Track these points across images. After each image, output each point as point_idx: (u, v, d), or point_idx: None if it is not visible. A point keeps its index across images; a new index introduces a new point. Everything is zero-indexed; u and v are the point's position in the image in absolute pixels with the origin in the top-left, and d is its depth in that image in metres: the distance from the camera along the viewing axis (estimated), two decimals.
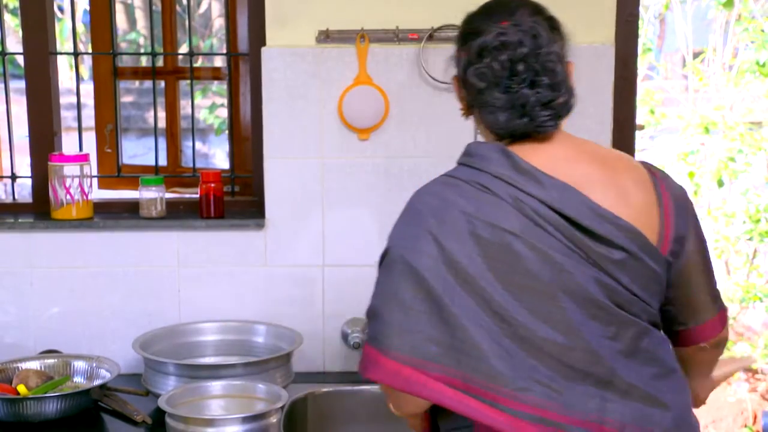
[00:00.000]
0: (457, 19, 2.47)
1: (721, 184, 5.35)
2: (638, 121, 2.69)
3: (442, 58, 2.00)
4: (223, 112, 6.71)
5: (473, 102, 1.59)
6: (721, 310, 1.71)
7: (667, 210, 1.56)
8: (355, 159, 2.55)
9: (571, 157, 1.55)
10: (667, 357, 1.56)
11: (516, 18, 1.57)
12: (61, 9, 7.15)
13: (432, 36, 2.50)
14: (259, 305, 2.61)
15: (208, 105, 7.24)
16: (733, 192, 5.61)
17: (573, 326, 1.46)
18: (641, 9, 2.64)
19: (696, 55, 5.91)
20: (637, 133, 2.68)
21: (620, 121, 2.57)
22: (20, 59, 2.71)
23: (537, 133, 1.55)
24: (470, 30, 1.62)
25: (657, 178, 1.59)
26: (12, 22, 7.27)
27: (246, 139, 2.85)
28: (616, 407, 1.46)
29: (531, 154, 1.53)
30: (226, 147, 3.18)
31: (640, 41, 2.82)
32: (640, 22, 2.62)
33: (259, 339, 2.55)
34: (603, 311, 1.48)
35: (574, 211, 1.48)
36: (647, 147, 5.72)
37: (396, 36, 2.50)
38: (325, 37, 2.51)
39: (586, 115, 2.55)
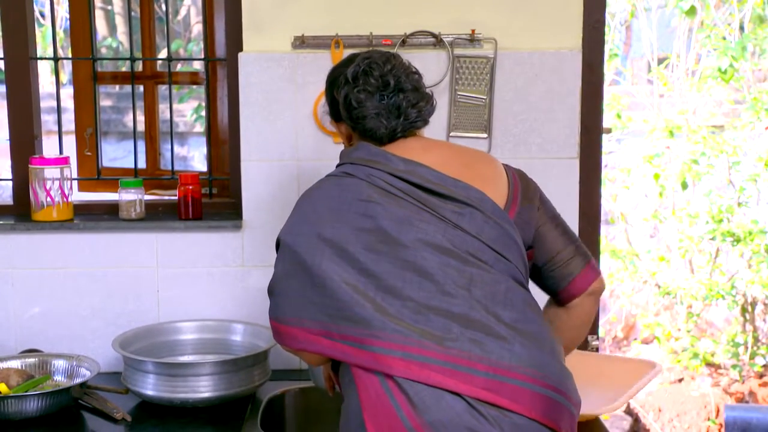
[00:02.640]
0: (429, 26, 2.50)
1: (685, 186, 5.39)
2: (605, 124, 2.71)
3: (416, 63, 2.00)
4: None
5: (355, 125, 1.87)
6: (589, 261, 1.93)
7: (516, 185, 1.86)
8: (330, 161, 2.50)
9: (426, 147, 1.86)
10: (524, 304, 1.72)
11: (372, 52, 1.92)
12: (42, 15, 7.09)
13: (405, 42, 2.51)
14: (237, 305, 2.61)
15: (193, 107, 7.18)
16: (696, 193, 5.66)
17: (427, 271, 1.67)
18: (607, 16, 2.66)
19: (660, 61, 5.96)
20: (604, 137, 2.70)
21: (587, 124, 2.59)
22: (1, 64, 2.68)
23: (413, 129, 1.88)
24: (337, 74, 1.92)
25: (505, 165, 1.90)
26: None
27: (224, 142, 2.84)
28: (472, 342, 1.62)
29: (391, 147, 1.84)
30: (204, 150, 3.16)
31: (607, 47, 2.85)
32: (606, 28, 2.64)
33: (236, 338, 2.54)
34: (456, 259, 1.70)
35: (418, 178, 1.76)
36: (614, 150, 5.76)
37: (370, 42, 2.50)
38: (301, 42, 2.51)
39: (555, 119, 2.57)
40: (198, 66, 3.95)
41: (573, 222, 2.60)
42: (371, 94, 1.84)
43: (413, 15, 2.52)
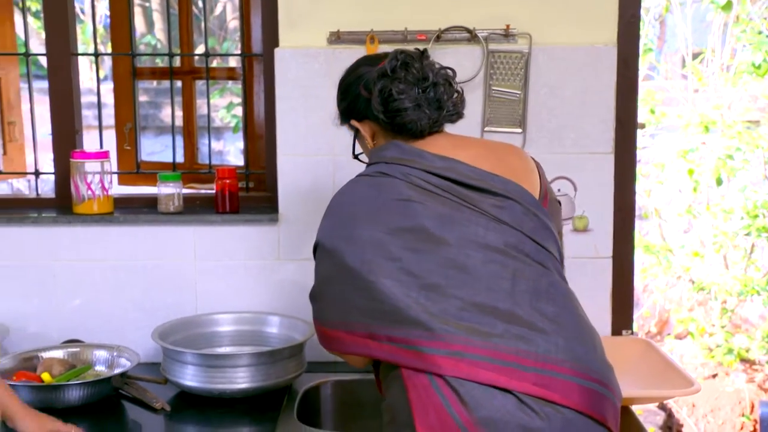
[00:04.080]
0: (464, 21, 2.50)
1: (719, 181, 5.32)
2: (639, 119, 2.68)
3: (449, 58, 2.00)
4: (241, 111, 6.71)
5: (391, 118, 1.82)
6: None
7: (543, 178, 1.85)
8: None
9: (457, 144, 1.84)
10: (566, 298, 1.71)
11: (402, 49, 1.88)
12: (82, 12, 7.16)
13: (439, 37, 2.51)
14: (273, 297, 2.62)
15: (225, 104, 7.23)
16: (731, 189, 5.59)
17: (471, 268, 1.66)
18: (642, 11, 2.63)
19: (695, 56, 5.88)
20: (638, 132, 2.68)
21: (622, 120, 2.57)
22: (43, 60, 2.71)
23: (450, 121, 1.87)
24: (361, 72, 1.90)
25: (533, 158, 1.89)
26: (35, 25, 7.29)
27: (260, 136, 2.86)
28: (519, 339, 1.61)
29: (422, 144, 1.81)
30: (241, 144, 3.18)
31: (641, 42, 2.81)
32: (640, 23, 2.61)
33: (272, 330, 2.55)
34: (499, 253, 1.68)
35: (457, 174, 1.74)
36: (648, 145, 5.70)
37: (404, 37, 2.50)
38: (336, 38, 2.52)
39: (589, 114, 2.55)
40: (233, 62, 3.97)
41: (608, 216, 2.59)
42: (411, 86, 1.81)
43: (448, 10, 2.51)
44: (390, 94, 1.81)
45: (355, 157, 2.04)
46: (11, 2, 3.59)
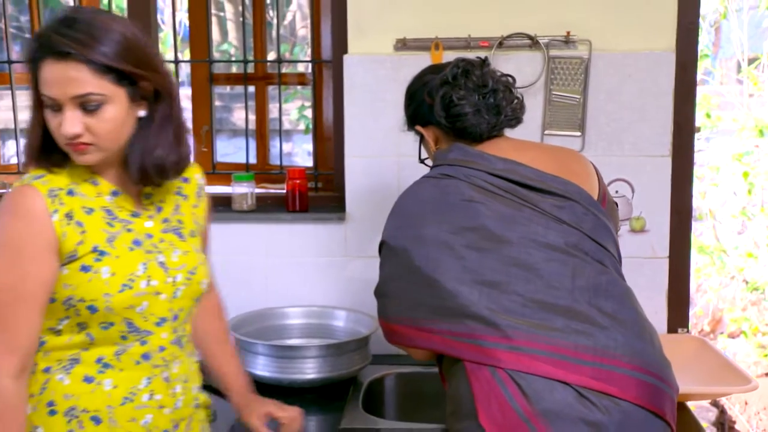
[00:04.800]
0: (525, 28, 2.47)
1: None
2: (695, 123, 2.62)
3: (511, 64, 1.98)
4: (310, 113, 6.77)
5: (452, 123, 1.83)
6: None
7: (602, 182, 1.84)
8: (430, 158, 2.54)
9: (518, 147, 1.84)
10: (624, 295, 1.69)
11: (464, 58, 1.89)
12: (162, 21, 7.28)
13: (502, 43, 2.48)
14: (340, 292, 2.62)
15: (295, 107, 7.29)
16: None
17: (532, 266, 1.65)
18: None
19: (751, 62, 5.75)
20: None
21: (680, 124, 2.52)
22: None
23: (509, 127, 1.87)
24: (426, 80, 1.91)
25: (591, 163, 1.89)
26: None
27: (328, 138, 2.87)
28: (579, 333, 1.60)
29: (485, 147, 1.82)
30: (309, 146, 3.20)
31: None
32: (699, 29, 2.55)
33: (339, 323, 2.56)
34: (559, 252, 1.67)
35: (518, 176, 1.74)
36: (703, 148, 5.58)
37: (468, 43, 2.48)
38: (403, 45, 2.51)
39: (647, 118, 2.50)
40: (303, 67, 4.00)
41: (664, 218, 2.54)
42: (471, 93, 1.82)
43: (509, 18, 2.48)
44: (451, 100, 1.82)
45: (422, 161, 2.04)
46: None
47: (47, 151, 1.51)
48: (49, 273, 1.47)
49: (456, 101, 1.82)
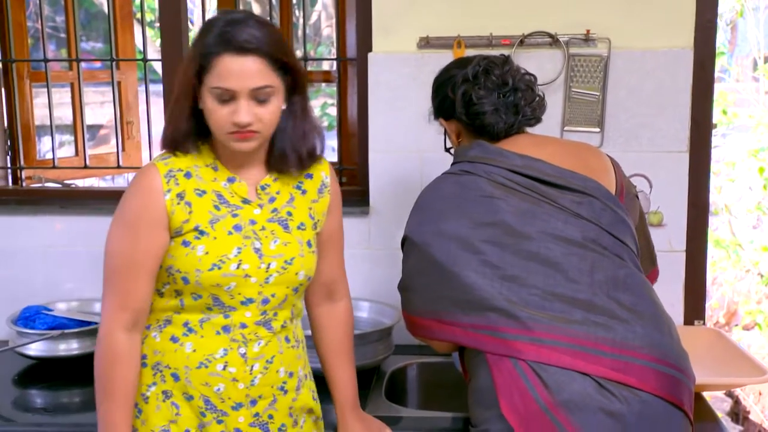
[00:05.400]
0: (546, 27, 2.44)
1: None
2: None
3: (532, 62, 1.96)
4: (334, 111, 6.78)
5: (471, 121, 1.81)
6: (655, 266, 1.99)
7: (620, 176, 1.83)
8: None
9: (537, 143, 1.82)
10: (642, 287, 1.68)
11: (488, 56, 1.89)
12: (191, 21, 7.31)
13: (523, 42, 2.46)
14: (363, 284, 2.61)
15: (319, 104, 7.30)
16: None
17: (551, 260, 1.64)
18: None
19: (767, 60, 5.68)
20: None
21: (698, 120, 2.49)
22: (158, 66, 2.76)
23: (527, 126, 1.85)
24: (452, 74, 1.88)
25: (609, 157, 1.87)
26: (150, 34, 7.47)
27: (353, 134, 2.86)
28: (597, 325, 1.59)
29: (505, 144, 1.80)
30: (333, 142, 3.18)
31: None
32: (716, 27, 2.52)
33: (363, 314, 2.55)
34: (578, 246, 1.66)
35: (537, 172, 1.72)
36: (719, 144, 5.53)
37: (489, 42, 2.46)
38: (426, 43, 2.50)
39: (666, 114, 2.48)
40: (327, 65, 4.00)
41: (682, 212, 2.51)
42: (490, 92, 1.81)
43: (531, 17, 2.46)
44: (471, 99, 1.81)
45: (447, 150, 2.02)
46: (131, 15, 3.68)
47: (185, 137, 1.63)
48: (159, 245, 1.61)
49: (475, 100, 1.81)
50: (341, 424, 1.89)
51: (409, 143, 2.54)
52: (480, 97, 1.80)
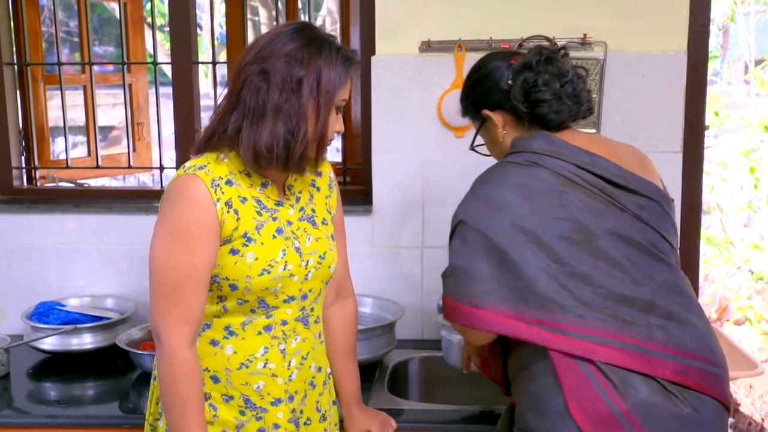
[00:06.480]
0: (544, 31, 2.43)
1: None
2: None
3: None
4: None
5: (531, 108, 1.70)
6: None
7: (660, 178, 1.77)
8: (452, 154, 2.52)
9: (592, 139, 1.73)
10: (689, 291, 1.65)
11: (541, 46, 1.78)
12: (200, 27, 7.30)
13: (521, 45, 2.44)
14: (366, 281, 2.60)
15: None
16: None
17: (618, 260, 1.56)
18: None
19: (758, 63, 5.67)
20: None
21: (691, 121, 2.47)
22: (168, 69, 2.75)
23: (585, 116, 1.75)
24: (495, 66, 1.77)
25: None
26: (161, 38, 7.46)
27: (356, 135, 2.85)
28: (658, 328, 1.54)
29: (563, 137, 1.69)
30: (337, 143, 3.17)
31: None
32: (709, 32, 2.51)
33: (366, 310, 2.54)
34: (640, 249, 1.59)
35: (604, 171, 1.63)
36: (711, 145, 5.51)
37: (489, 45, 2.45)
38: (427, 47, 2.48)
39: (660, 116, 2.46)
40: None
41: (676, 211, 2.49)
42: (553, 80, 1.69)
43: (529, 21, 2.45)
44: (534, 85, 1.69)
45: (473, 148, 1.88)
46: (142, 20, 3.67)
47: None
48: (214, 254, 1.57)
49: (540, 86, 1.68)
50: (348, 418, 1.88)
51: (411, 144, 2.53)
52: (546, 82, 1.68)
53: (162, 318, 1.56)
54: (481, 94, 1.78)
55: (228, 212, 1.56)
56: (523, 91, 1.70)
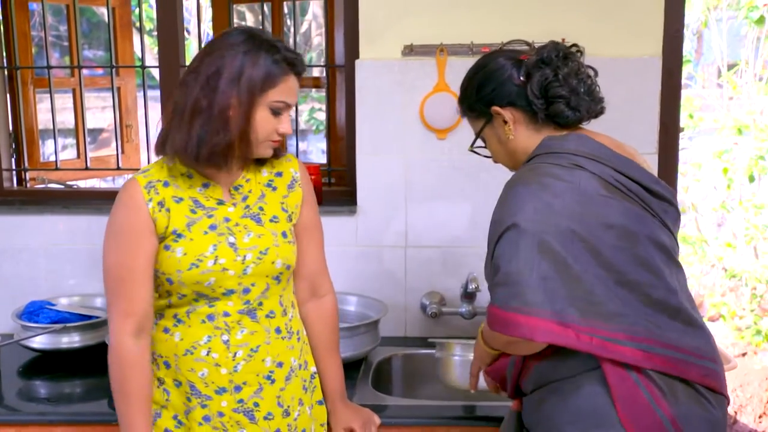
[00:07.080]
0: (523, 35, 2.41)
1: (752, 179, 5.16)
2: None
3: None
4: (321, 115, 6.76)
5: (547, 104, 1.62)
6: None
7: None
8: (434, 155, 2.52)
9: (610, 141, 1.66)
10: (690, 296, 1.63)
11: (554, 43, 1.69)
12: (188, 31, 7.27)
13: (501, 49, 2.45)
14: (351, 279, 2.61)
15: (308, 109, 7.30)
16: (762, 186, 5.41)
17: (655, 267, 1.53)
18: None
19: (730, 67, 5.71)
20: None
21: (666, 123, 2.49)
22: (156, 72, 2.74)
23: (599, 114, 1.68)
24: (502, 63, 1.68)
25: None
26: (147, 41, 7.42)
27: (341, 138, 2.85)
28: (684, 333, 1.53)
29: (592, 137, 1.63)
30: (321, 145, 3.18)
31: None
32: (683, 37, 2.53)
33: (350, 308, 2.54)
34: (668, 255, 1.56)
35: (636, 174, 1.58)
36: (686, 146, 5.55)
37: (471, 49, 2.46)
38: (410, 50, 2.49)
39: (636, 119, 2.48)
40: (316, 72, 3.98)
41: None
42: (570, 77, 1.63)
43: (509, 26, 2.46)
44: (552, 81, 1.61)
45: (472, 149, 1.77)
46: (130, 24, 3.65)
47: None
48: (151, 249, 1.66)
49: (560, 82, 1.61)
50: (333, 413, 1.88)
51: (394, 146, 2.53)
52: (565, 77, 1.61)
53: (109, 311, 1.67)
54: (490, 91, 1.67)
55: (160, 211, 1.66)
56: (540, 87, 1.62)
